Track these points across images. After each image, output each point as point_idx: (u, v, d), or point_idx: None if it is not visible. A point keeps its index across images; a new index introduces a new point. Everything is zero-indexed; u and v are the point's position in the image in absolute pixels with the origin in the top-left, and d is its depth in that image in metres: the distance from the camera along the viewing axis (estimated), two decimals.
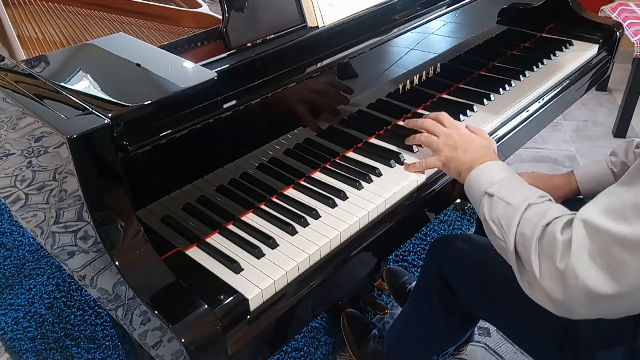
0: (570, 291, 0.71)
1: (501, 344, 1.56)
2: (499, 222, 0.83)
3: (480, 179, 0.91)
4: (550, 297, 0.75)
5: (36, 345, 1.62)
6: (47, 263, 1.93)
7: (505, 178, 0.89)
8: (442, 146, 1.02)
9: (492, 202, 0.86)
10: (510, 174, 0.91)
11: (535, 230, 0.76)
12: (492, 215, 0.85)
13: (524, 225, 0.79)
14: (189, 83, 0.84)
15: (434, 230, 2.00)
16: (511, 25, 1.55)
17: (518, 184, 0.88)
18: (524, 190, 0.85)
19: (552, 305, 0.76)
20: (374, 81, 1.19)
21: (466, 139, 1.01)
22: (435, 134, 1.05)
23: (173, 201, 0.94)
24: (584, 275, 0.69)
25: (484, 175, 0.91)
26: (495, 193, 0.86)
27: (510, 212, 0.82)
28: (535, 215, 0.79)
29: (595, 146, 2.55)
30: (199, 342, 0.74)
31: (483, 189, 0.89)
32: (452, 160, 1.00)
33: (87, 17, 1.34)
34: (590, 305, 0.71)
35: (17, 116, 0.90)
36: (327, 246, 0.93)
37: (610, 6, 2.72)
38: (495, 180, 0.89)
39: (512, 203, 0.83)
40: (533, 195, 0.83)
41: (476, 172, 0.93)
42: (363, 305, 1.62)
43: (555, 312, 0.77)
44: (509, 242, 0.81)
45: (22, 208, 1.03)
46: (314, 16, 1.06)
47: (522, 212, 0.80)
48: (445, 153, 1.01)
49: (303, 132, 1.09)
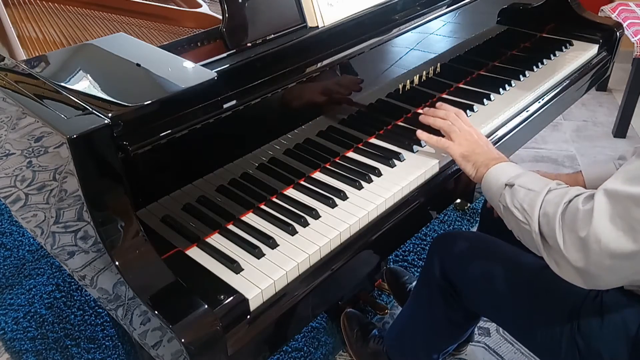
0: (594, 256, 0.75)
1: (501, 344, 1.56)
2: (521, 206, 0.87)
3: (498, 174, 0.96)
4: (576, 268, 0.78)
5: (36, 345, 1.62)
6: (47, 263, 1.93)
7: (523, 173, 0.94)
8: (463, 140, 1.07)
9: (513, 191, 0.90)
10: (526, 171, 0.96)
11: (559, 207, 0.81)
12: (514, 202, 0.89)
13: (547, 205, 0.83)
14: (189, 83, 0.84)
15: (434, 230, 2.00)
16: (511, 25, 1.55)
17: (536, 176, 0.93)
18: (542, 179, 0.91)
19: (580, 276, 0.79)
20: (373, 81, 1.19)
21: (485, 141, 1.08)
22: (457, 126, 1.09)
23: (173, 201, 0.94)
24: (606, 238, 0.73)
25: (501, 172, 0.96)
26: (516, 182, 0.91)
27: (532, 196, 0.86)
28: (557, 196, 0.84)
29: (595, 146, 2.55)
30: (199, 342, 0.74)
31: (503, 182, 0.93)
32: (472, 155, 1.04)
33: (87, 17, 1.34)
34: (615, 268, 0.75)
35: (17, 116, 0.90)
36: (327, 246, 0.93)
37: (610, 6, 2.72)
38: (513, 174, 0.94)
39: (534, 188, 0.87)
40: (552, 183, 0.88)
41: (494, 169, 0.98)
42: (363, 305, 1.62)
43: (584, 285, 0.80)
44: (533, 224, 0.84)
45: (22, 208, 1.03)
46: (314, 16, 1.06)
47: (545, 195, 0.85)
48: (466, 147, 1.06)
49: (303, 132, 1.09)
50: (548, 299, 0.97)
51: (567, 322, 0.93)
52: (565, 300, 0.95)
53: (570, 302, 0.94)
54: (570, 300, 0.94)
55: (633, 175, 0.73)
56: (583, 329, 0.91)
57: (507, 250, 1.05)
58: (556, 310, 0.96)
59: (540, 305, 0.94)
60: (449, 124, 1.11)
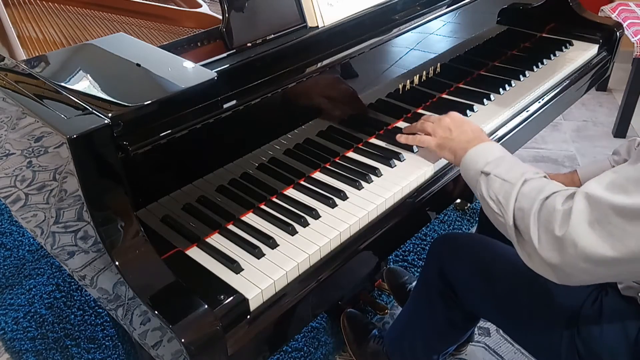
0: (569, 257, 0.73)
1: (501, 344, 1.56)
2: (496, 198, 0.86)
3: (476, 158, 0.94)
4: (549, 264, 0.77)
5: (36, 345, 1.62)
6: (47, 263, 1.93)
7: (500, 157, 0.92)
8: (437, 129, 1.06)
9: (488, 180, 0.88)
10: (505, 153, 0.94)
11: (534, 204, 0.79)
12: (489, 193, 0.87)
13: (522, 199, 0.81)
14: (189, 83, 0.84)
15: (434, 230, 2.00)
16: (511, 25, 1.55)
17: (513, 162, 0.90)
18: (519, 167, 0.88)
19: (552, 272, 0.78)
20: (374, 81, 1.19)
21: (459, 122, 1.05)
22: (429, 121, 1.09)
23: (173, 201, 0.94)
24: (583, 242, 0.71)
25: (480, 155, 0.94)
26: (492, 171, 0.89)
27: (507, 188, 0.84)
28: (533, 189, 0.81)
29: (595, 146, 2.55)
30: (199, 342, 0.74)
31: (479, 169, 0.91)
32: (447, 141, 1.03)
33: (87, 17, 1.34)
34: (590, 271, 0.73)
35: (17, 116, 0.90)
36: (327, 246, 0.93)
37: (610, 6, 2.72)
38: (491, 159, 0.91)
39: (509, 179, 0.85)
40: (529, 172, 0.86)
41: (472, 152, 0.95)
42: (363, 305, 1.62)
43: (555, 280, 0.79)
44: (507, 218, 0.83)
45: (22, 208, 1.03)
46: (314, 16, 1.06)
47: (519, 187, 0.83)
48: (440, 134, 1.05)
49: (303, 132, 1.09)
50: (547, 302, 0.97)
51: (566, 325, 0.93)
52: (565, 304, 0.94)
53: (569, 306, 0.94)
54: (569, 304, 0.94)
55: (618, 184, 0.71)
56: (583, 333, 0.91)
57: (506, 252, 1.05)
58: (556, 314, 0.95)
59: (540, 308, 0.94)
60: (421, 122, 1.11)
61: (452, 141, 1.02)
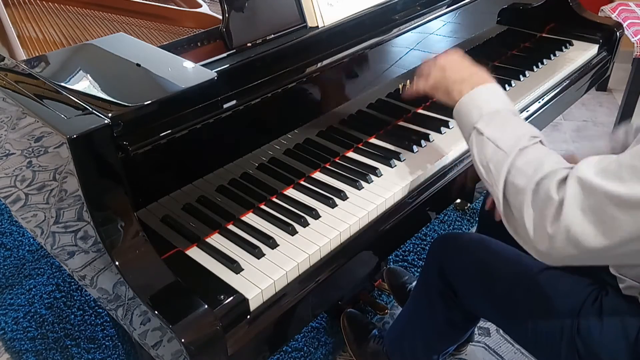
0: (559, 243, 0.72)
1: (501, 344, 1.56)
2: (487, 165, 0.81)
3: (469, 107, 0.87)
4: (535, 247, 0.75)
5: (36, 345, 1.62)
6: (47, 263, 1.93)
7: (495, 110, 0.85)
8: (431, 69, 0.98)
9: (481, 142, 0.83)
10: (501, 103, 0.87)
11: (530, 183, 0.75)
12: (480, 158, 0.83)
13: (516, 174, 0.77)
14: (189, 83, 0.84)
15: (434, 230, 2.00)
16: (511, 25, 1.55)
17: (509, 118, 0.84)
18: (515, 128, 0.82)
19: (536, 253, 0.76)
20: (374, 81, 1.19)
21: (454, 60, 0.96)
22: (425, 64, 1.02)
23: (173, 201, 0.94)
24: (575, 228, 0.70)
25: (474, 103, 0.87)
26: (484, 131, 0.83)
27: (500, 156, 0.79)
28: (528, 164, 0.77)
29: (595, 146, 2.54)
30: (199, 342, 0.74)
31: (472, 123, 0.85)
32: (441, 80, 0.95)
33: (87, 17, 1.34)
34: (577, 256, 0.72)
35: (17, 116, 0.90)
36: (327, 246, 0.93)
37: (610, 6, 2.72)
38: (486, 111, 0.85)
39: (502, 147, 0.80)
40: (525, 136, 0.80)
41: (467, 98, 0.88)
42: (363, 305, 1.62)
43: (537, 257, 0.77)
44: (497, 189, 0.79)
45: (22, 208, 1.03)
46: (314, 16, 1.06)
47: (513, 159, 0.78)
48: (434, 74, 0.97)
49: (303, 132, 1.09)
50: (547, 302, 0.97)
51: (566, 325, 0.93)
52: (565, 304, 0.94)
53: (569, 305, 0.94)
54: (569, 304, 0.94)
55: (612, 170, 0.68)
56: (583, 333, 0.91)
57: (506, 252, 1.05)
58: (555, 313, 0.95)
59: (540, 308, 0.94)
60: (418, 70, 1.02)
61: (446, 80, 0.93)
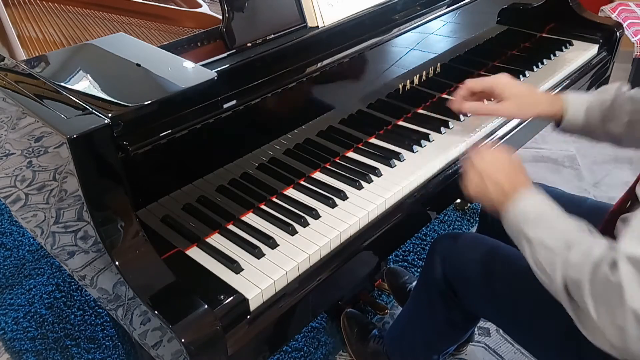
0: (631, 331, 0.68)
1: (501, 344, 1.56)
2: (542, 267, 0.81)
3: (515, 218, 0.87)
4: (610, 343, 0.72)
5: (36, 345, 1.62)
6: (47, 263, 1.92)
7: (540, 214, 0.85)
8: (470, 172, 0.97)
9: (532, 247, 0.83)
10: (544, 206, 0.87)
11: (585, 274, 0.73)
12: (534, 259, 0.83)
13: (571, 270, 0.76)
14: (189, 83, 0.84)
15: (434, 230, 2.00)
16: (511, 25, 1.55)
17: (553, 218, 0.85)
18: (560, 226, 0.82)
19: (615, 350, 0.73)
20: (373, 81, 1.19)
21: (491, 168, 0.94)
22: (472, 161, 0.98)
23: (173, 201, 0.94)
24: None
25: (519, 212, 0.87)
26: (532, 235, 0.83)
27: (551, 256, 0.80)
28: (580, 257, 0.76)
29: (595, 146, 2.54)
30: (199, 342, 0.74)
31: (520, 229, 0.86)
32: (483, 191, 0.94)
33: (87, 17, 1.34)
34: None
35: (17, 116, 0.90)
36: (327, 246, 0.93)
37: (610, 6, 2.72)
38: (531, 216, 0.85)
39: (552, 247, 0.80)
40: (570, 231, 0.80)
41: (510, 211, 0.89)
42: (363, 305, 1.62)
43: (619, 357, 0.74)
44: (558, 289, 0.78)
45: (22, 208, 1.03)
46: (314, 16, 1.06)
47: (564, 256, 0.78)
48: (473, 180, 0.96)
49: (303, 132, 1.09)
50: (547, 302, 0.97)
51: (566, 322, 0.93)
52: None
53: None
54: None
55: None
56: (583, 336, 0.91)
57: (507, 253, 1.05)
58: (556, 315, 0.95)
59: (540, 309, 0.94)
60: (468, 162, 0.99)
61: (489, 193, 0.93)
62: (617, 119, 1.05)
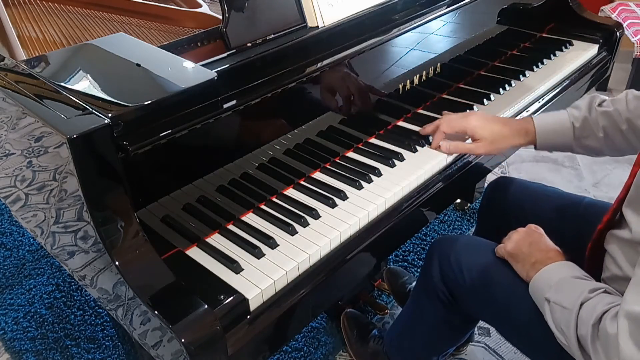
0: None
1: (501, 344, 1.56)
2: (560, 328, 0.86)
3: (540, 283, 0.93)
4: None
5: (36, 345, 1.62)
6: (47, 263, 1.93)
7: (561, 279, 0.90)
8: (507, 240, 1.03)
9: (551, 308, 0.88)
10: (567, 273, 0.92)
11: (589, 328, 0.80)
12: (555, 323, 0.88)
13: (581, 326, 0.82)
14: (188, 83, 0.84)
15: (434, 230, 2.00)
16: (511, 25, 1.55)
17: (573, 281, 0.89)
18: (576, 287, 0.87)
19: None
20: (374, 81, 1.19)
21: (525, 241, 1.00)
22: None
23: (173, 201, 0.94)
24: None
25: (543, 279, 0.93)
26: (553, 298, 0.88)
27: (566, 315, 0.85)
28: (588, 312, 0.81)
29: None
30: (199, 342, 0.74)
31: (543, 294, 0.91)
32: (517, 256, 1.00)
33: (87, 17, 1.34)
34: None
35: (17, 116, 0.90)
36: (327, 246, 0.93)
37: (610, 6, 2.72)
38: (554, 281, 0.91)
39: (567, 305, 0.85)
40: (584, 292, 0.84)
41: (537, 277, 0.94)
42: (363, 305, 1.62)
43: None
44: (574, 346, 0.83)
45: (22, 208, 1.03)
46: (314, 16, 1.06)
47: (577, 314, 0.83)
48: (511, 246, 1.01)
49: (303, 132, 1.09)
50: None
51: None
52: None
53: None
54: None
55: None
56: None
57: None
58: None
59: (538, 313, 0.94)
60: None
61: (523, 260, 0.99)
62: (593, 135, 1.08)
